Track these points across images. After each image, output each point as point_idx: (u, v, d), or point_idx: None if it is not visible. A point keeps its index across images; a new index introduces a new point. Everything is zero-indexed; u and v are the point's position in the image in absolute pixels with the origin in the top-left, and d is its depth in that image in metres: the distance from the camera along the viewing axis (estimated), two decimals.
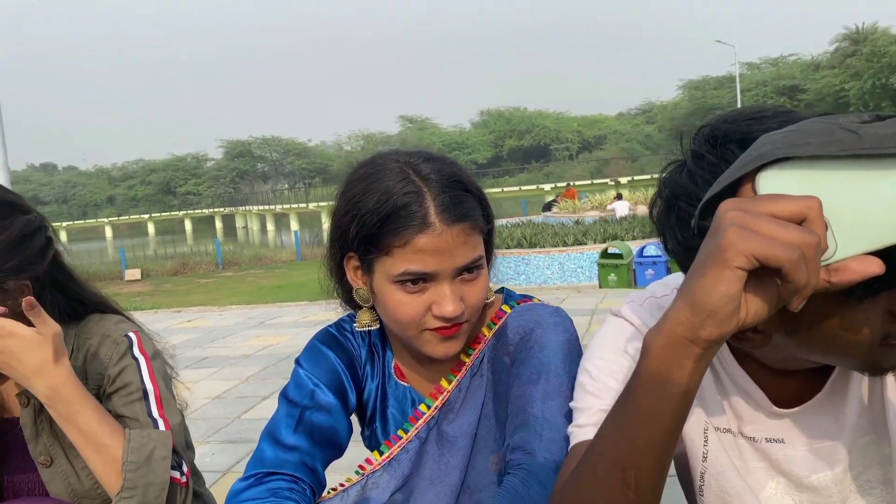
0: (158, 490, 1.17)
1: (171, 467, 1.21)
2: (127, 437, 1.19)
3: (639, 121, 74.89)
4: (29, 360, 1.17)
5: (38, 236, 1.26)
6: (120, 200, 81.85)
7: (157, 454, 1.19)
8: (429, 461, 1.16)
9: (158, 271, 19.62)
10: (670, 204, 0.84)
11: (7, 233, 1.21)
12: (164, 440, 1.22)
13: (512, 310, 1.21)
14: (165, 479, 1.18)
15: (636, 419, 0.71)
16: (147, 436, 1.22)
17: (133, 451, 1.18)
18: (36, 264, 1.24)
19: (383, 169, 1.10)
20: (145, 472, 1.17)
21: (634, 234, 13.48)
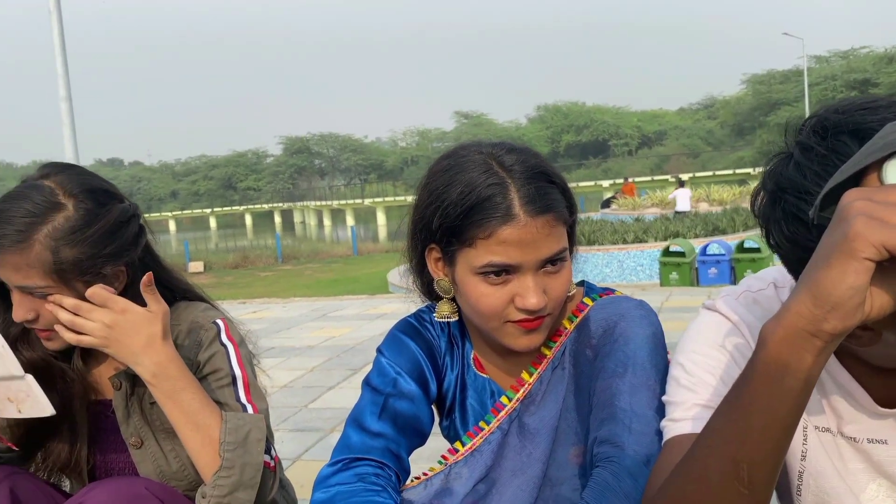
0: (254, 471, 1.20)
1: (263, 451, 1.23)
2: (224, 419, 1.22)
3: (700, 116, 73.15)
4: (140, 336, 1.22)
5: (133, 223, 1.30)
6: (183, 195, 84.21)
7: (252, 436, 1.22)
8: (510, 453, 1.17)
9: (220, 264, 20.14)
10: (776, 197, 0.82)
11: (105, 220, 1.26)
12: (259, 423, 1.25)
13: (594, 302, 1.20)
14: (260, 461, 1.21)
15: (751, 412, 0.70)
16: (242, 418, 1.25)
17: (230, 432, 1.20)
18: (131, 250, 1.29)
19: (466, 161, 1.10)
20: (242, 453, 1.20)
21: (697, 232, 13.21)
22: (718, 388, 0.95)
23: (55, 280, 1.21)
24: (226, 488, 1.18)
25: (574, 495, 1.10)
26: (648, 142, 71.46)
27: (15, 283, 1.21)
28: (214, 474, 1.19)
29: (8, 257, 1.19)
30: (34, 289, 1.21)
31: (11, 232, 1.18)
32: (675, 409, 0.96)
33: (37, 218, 1.20)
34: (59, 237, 1.20)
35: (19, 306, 1.22)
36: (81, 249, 1.22)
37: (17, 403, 1.22)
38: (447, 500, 1.16)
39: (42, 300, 1.22)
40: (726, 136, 65.28)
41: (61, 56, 13.39)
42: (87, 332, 1.20)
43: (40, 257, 1.19)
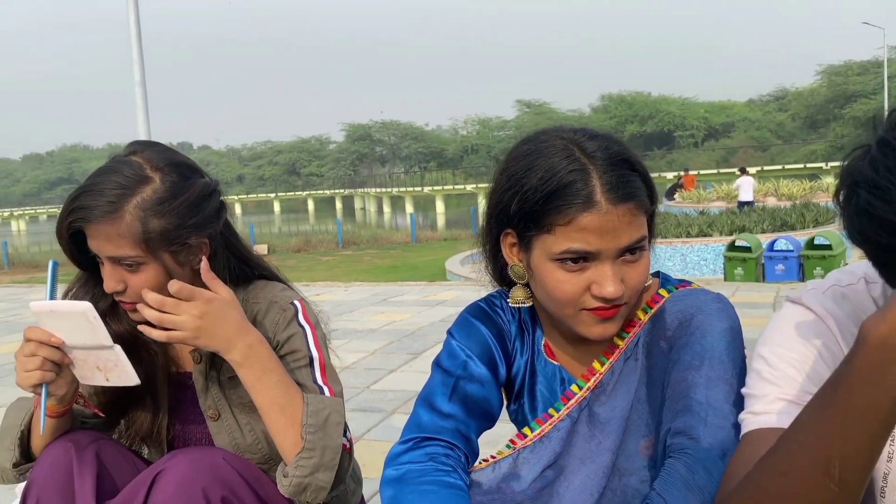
0: (333, 453, 1.23)
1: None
2: (305, 401, 1.26)
3: (771, 108, 70.68)
4: (230, 322, 1.26)
5: (214, 197, 1.35)
6: (248, 179, 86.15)
7: (332, 419, 1.25)
8: (579, 441, 1.16)
9: (283, 247, 20.52)
10: (850, 191, 0.80)
11: (190, 192, 1.30)
12: (338, 407, 1.28)
13: (670, 294, 1.19)
14: (339, 444, 1.24)
15: (847, 410, 0.68)
16: (322, 401, 1.28)
17: (312, 415, 1.24)
18: (213, 223, 1.34)
19: (547, 146, 1.09)
20: (322, 436, 1.23)
21: (764, 227, 12.84)
22: (802, 382, 0.93)
23: (144, 250, 1.26)
24: (307, 469, 1.21)
25: (643, 486, 1.09)
26: (715, 134, 69.50)
27: (106, 253, 1.26)
28: (297, 455, 1.22)
29: (101, 227, 1.24)
30: (124, 258, 1.26)
31: (103, 203, 1.24)
32: (756, 403, 0.94)
33: (127, 190, 1.25)
34: (147, 208, 1.25)
35: (109, 277, 1.28)
36: (168, 220, 1.27)
37: (106, 372, 1.28)
38: (514, 484, 1.16)
39: (130, 272, 1.28)
40: (798, 128, 63.00)
41: (137, 42, 13.83)
42: (177, 326, 1.24)
43: (130, 227, 1.24)
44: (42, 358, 1.25)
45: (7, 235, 38.23)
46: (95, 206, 1.24)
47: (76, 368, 1.30)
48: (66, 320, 1.24)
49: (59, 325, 1.25)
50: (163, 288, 1.29)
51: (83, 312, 1.23)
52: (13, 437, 1.37)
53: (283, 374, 1.28)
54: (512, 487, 1.16)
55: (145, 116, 13.86)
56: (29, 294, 9.60)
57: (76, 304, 1.24)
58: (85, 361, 1.28)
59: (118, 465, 1.35)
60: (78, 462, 1.27)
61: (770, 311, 5.17)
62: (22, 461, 1.37)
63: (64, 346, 1.27)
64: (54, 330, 1.26)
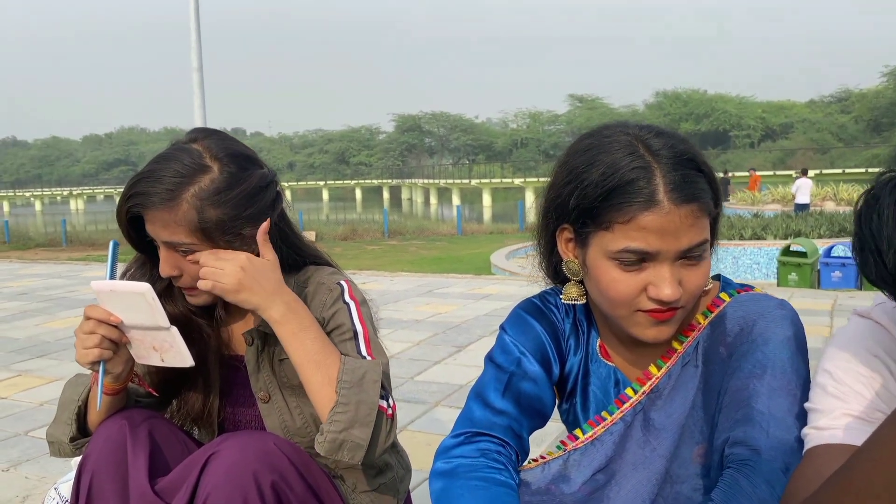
0: (368, 408, 1.22)
1: (380, 396, 1.26)
2: (342, 360, 1.27)
3: (832, 109, 68.51)
4: (269, 279, 1.29)
5: (271, 189, 1.36)
6: (299, 167, 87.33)
7: (368, 377, 1.26)
8: (633, 446, 1.14)
9: (330, 235, 20.76)
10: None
11: (247, 183, 1.32)
12: (375, 367, 1.28)
13: (731, 298, 1.15)
14: (375, 400, 1.24)
15: None
16: (359, 361, 1.29)
17: (347, 372, 1.25)
18: (268, 214, 1.34)
19: (611, 141, 1.06)
20: (357, 391, 1.23)
21: (821, 232, 12.46)
22: (870, 398, 0.90)
23: (199, 238, 1.28)
24: (342, 423, 1.20)
25: (695, 495, 1.06)
26: (773, 134, 67.76)
27: (163, 238, 1.29)
28: (331, 410, 1.22)
29: (158, 214, 1.27)
30: (179, 245, 1.29)
31: (162, 191, 1.26)
32: (821, 418, 0.92)
33: (185, 178, 1.27)
34: (204, 197, 1.27)
35: (165, 262, 1.31)
36: (224, 210, 1.28)
37: (161, 353, 1.30)
38: (564, 486, 1.15)
39: (185, 258, 1.30)
40: (860, 131, 60.95)
41: (196, 29, 14.11)
42: (218, 278, 1.26)
43: (187, 216, 1.26)
44: (101, 336, 1.28)
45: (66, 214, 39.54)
46: (153, 193, 1.26)
47: (132, 348, 1.32)
48: (126, 300, 1.26)
49: (117, 304, 1.28)
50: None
51: (142, 293, 1.24)
52: (70, 411, 1.40)
53: (320, 331, 1.30)
54: (561, 489, 1.14)
55: (201, 101, 14.15)
56: (86, 271, 9.91)
57: (136, 285, 1.26)
58: (142, 341, 1.30)
59: (170, 443, 1.37)
60: (132, 439, 1.30)
61: (827, 319, 5.02)
62: (78, 436, 1.40)
63: (122, 326, 1.29)
64: (113, 309, 1.28)
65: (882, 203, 0.75)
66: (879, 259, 0.74)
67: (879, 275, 0.76)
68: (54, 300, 7.23)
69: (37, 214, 44.30)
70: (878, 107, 58.17)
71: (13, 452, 2.97)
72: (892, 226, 0.73)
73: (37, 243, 19.04)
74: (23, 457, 2.91)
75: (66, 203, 70.49)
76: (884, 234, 0.74)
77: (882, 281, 0.76)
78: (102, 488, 1.27)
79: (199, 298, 1.37)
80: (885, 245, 0.74)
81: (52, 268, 10.49)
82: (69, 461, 1.55)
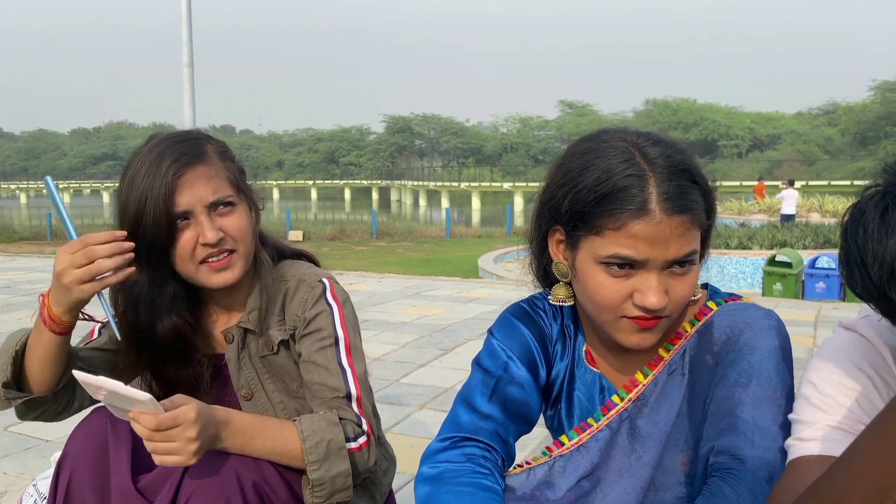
0: (343, 478, 1.27)
1: (347, 439, 1.28)
2: (301, 436, 1.26)
3: (820, 122, 69.26)
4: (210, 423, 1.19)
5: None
6: (288, 165, 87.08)
7: (332, 447, 1.27)
8: (619, 453, 1.14)
9: (318, 235, 20.71)
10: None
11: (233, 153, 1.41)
12: (335, 429, 1.28)
13: (718, 307, 1.15)
14: (347, 467, 1.27)
15: None
16: (318, 429, 1.27)
17: (311, 452, 1.25)
18: (256, 198, 1.43)
19: (608, 146, 1.06)
20: (328, 467, 1.26)
21: (806, 243, 12.57)
22: (853, 410, 0.91)
23: (235, 189, 1.33)
24: (322, 497, 1.26)
25: (677, 503, 1.07)
26: (760, 145, 68.35)
27: (206, 199, 1.29)
28: (307, 488, 1.27)
29: (201, 170, 1.29)
30: (222, 200, 1.30)
31: (191, 150, 1.30)
32: (805, 429, 0.92)
33: (197, 140, 1.34)
34: (222, 151, 1.36)
35: (210, 227, 1.28)
36: (236, 164, 1.37)
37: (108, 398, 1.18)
38: (549, 492, 1.14)
39: (224, 216, 1.31)
40: (847, 144, 61.60)
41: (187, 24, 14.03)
42: (176, 452, 1.15)
43: (223, 165, 1.33)
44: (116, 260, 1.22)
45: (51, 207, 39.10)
46: (189, 153, 1.29)
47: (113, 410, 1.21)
48: (121, 400, 1.15)
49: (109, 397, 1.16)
50: (249, 233, 1.34)
51: (143, 402, 1.13)
52: (7, 357, 1.32)
53: (264, 427, 1.27)
54: (546, 495, 1.14)
55: (191, 98, 14.06)
56: None
57: (136, 393, 1.13)
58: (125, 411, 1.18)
59: None
60: (113, 435, 1.28)
61: (811, 330, 5.06)
62: (12, 384, 1.32)
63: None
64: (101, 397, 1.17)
65: (867, 217, 0.76)
66: (865, 272, 0.75)
67: (865, 288, 0.76)
68: (38, 294, 7.15)
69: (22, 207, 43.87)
70: (865, 120, 58.82)
71: None
72: (877, 239, 0.74)
73: (21, 236, 18.88)
74: (2, 452, 2.87)
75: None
76: (869, 248, 0.74)
77: (868, 294, 0.76)
78: (81, 485, 1.26)
79: (229, 272, 1.32)
80: (870, 258, 0.74)
81: (36, 261, 10.40)
82: (49, 457, 1.53)
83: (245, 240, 1.33)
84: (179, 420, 1.14)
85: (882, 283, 0.72)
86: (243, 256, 1.33)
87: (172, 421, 1.14)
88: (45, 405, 1.36)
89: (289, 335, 1.39)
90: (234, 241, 1.32)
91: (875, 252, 0.74)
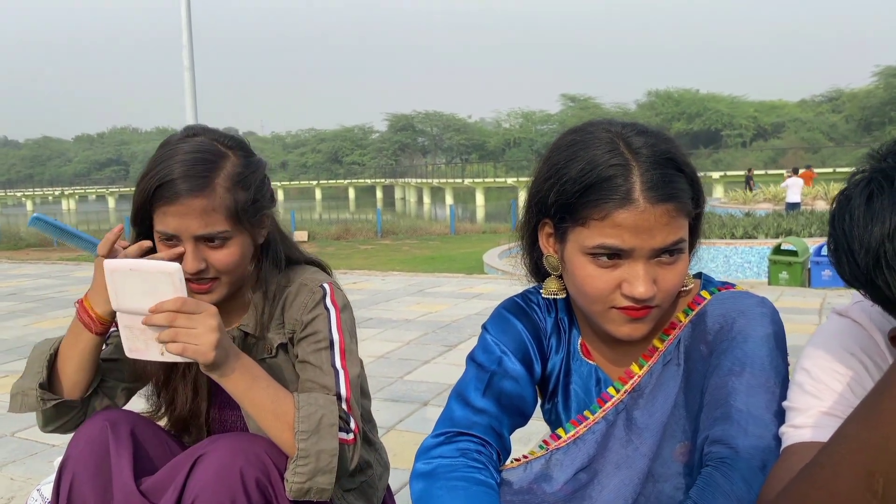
0: (329, 456, 1.23)
1: (339, 428, 1.26)
2: (296, 405, 1.25)
3: (823, 109, 68.89)
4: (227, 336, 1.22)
5: (268, 176, 1.41)
6: (292, 166, 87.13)
7: (325, 421, 1.24)
8: (616, 445, 1.14)
9: (323, 235, 20.72)
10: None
11: (259, 168, 1.37)
12: (331, 406, 1.27)
13: (712, 296, 1.15)
14: (335, 446, 1.24)
15: (893, 423, 0.66)
16: (315, 402, 1.26)
17: (303, 420, 1.23)
18: (274, 200, 1.41)
19: (593, 138, 1.07)
20: (316, 440, 1.23)
21: (812, 231, 12.52)
22: (847, 396, 0.91)
23: (233, 224, 1.29)
24: (304, 476, 1.22)
25: (676, 493, 1.06)
26: (764, 134, 68.05)
27: (193, 231, 1.27)
28: (292, 462, 1.22)
29: (193, 203, 1.25)
30: (214, 235, 1.27)
31: (195, 177, 1.25)
32: (798, 416, 0.92)
33: (212, 164, 1.28)
34: (233, 181, 1.29)
35: (193, 258, 1.28)
36: (249, 193, 1.31)
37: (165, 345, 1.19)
38: (546, 485, 1.15)
39: (213, 249, 1.29)
40: (851, 131, 61.33)
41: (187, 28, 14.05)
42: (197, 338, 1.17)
43: (224, 200, 1.27)
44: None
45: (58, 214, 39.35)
46: (189, 180, 1.25)
47: (128, 340, 1.21)
48: (144, 282, 1.16)
49: (131, 287, 1.17)
50: (239, 264, 1.32)
51: (170, 273, 1.14)
52: (42, 360, 1.36)
53: (268, 379, 1.27)
54: (543, 489, 1.14)
55: (193, 101, 14.10)
56: (76, 271, 9.86)
57: (164, 265, 1.15)
58: (143, 332, 1.19)
59: (153, 444, 1.37)
60: (114, 439, 1.29)
61: (815, 318, 5.04)
62: (47, 385, 1.35)
63: (121, 314, 1.21)
64: (122, 293, 1.18)
65: (853, 203, 0.76)
66: (852, 259, 0.75)
67: (853, 274, 0.76)
68: (44, 300, 7.19)
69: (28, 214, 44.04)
70: (869, 106, 58.55)
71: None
72: (862, 226, 0.74)
73: (28, 243, 18.93)
74: (9, 458, 2.89)
75: (57, 203, 70.10)
76: (855, 235, 0.74)
77: (855, 280, 0.76)
78: (83, 490, 1.26)
79: (214, 295, 1.33)
80: (856, 245, 0.74)
81: (42, 268, 10.45)
82: (53, 461, 1.54)
83: (232, 271, 1.32)
84: (202, 307, 1.18)
85: (868, 269, 0.72)
86: (227, 284, 1.34)
87: (196, 305, 1.17)
88: (73, 411, 1.39)
89: (287, 339, 1.40)
90: (216, 272, 1.31)
91: (861, 238, 0.74)
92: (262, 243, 1.41)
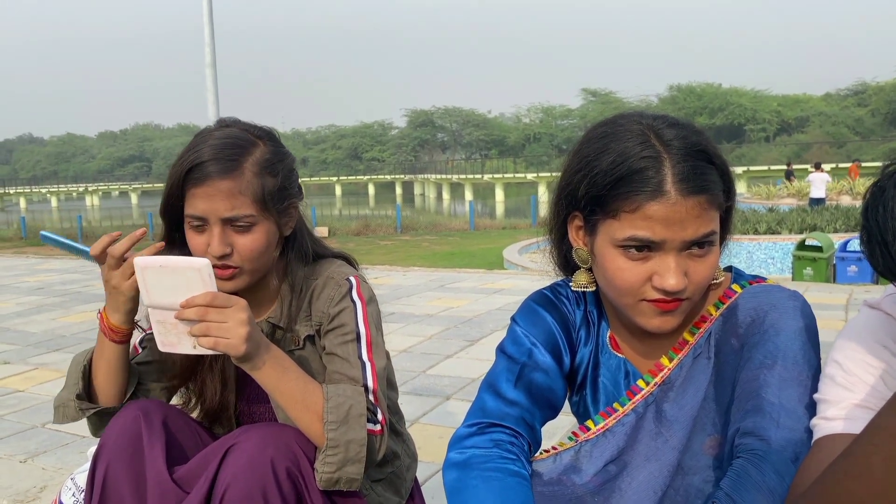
0: (358, 446, 1.24)
1: (367, 420, 1.27)
2: (325, 396, 1.26)
3: (849, 102, 67.77)
4: (257, 329, 1.24)
5: (297, 170, 1.43)
6: (312, 162, 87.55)
7: (353, 412, 1.26)
8: (645, 437, 1.14)
9: (343, 230, 20.83)
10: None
11: (288, 158, 1.39)
12: (359, 397, 1.28)
13: (743, 290, 1.15)
14: (363, 436, 1.25)
15: None
16: (343, 393, 1.28)
17: (332, 410, 1.24)
18: (301, 193, 1.42)
19: (624, 130, 1.07)
20: (345, 430, 1.24)
21: (837, 227, 12.37)
22: (879, 388, 0.90)
23: (259, 209, 1.31)
24: (334, 465, 1.23)
25: (706, 486, 1.06)
26: (788, 128, 67.19)
27: (221, 213, 1.29)
28: (322, 453, 1.24)
29: (222, 184, 1.28)
30: (240, 218, 1.29)
31: (225, 159, 1.28)
32: (830, 408, 0.92)
33: (242, 149, 1.31)
34: (262, 166, 1.32)
35: (219, 241, 1.30)
36: (277, 181, 1.33)
37: (197, 339, 1.21)
38: (575, 477, 1.15)
39: (239, 234, 1.31)
40: (877, 124, 60.35)
41: (209, 25, 14.16)
42: (226, 334, 1.19)
43: (251, 184, 1.29)
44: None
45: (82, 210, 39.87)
46: (219, 161, 1.28)
47: (161, 334, 1.24)
48: (175, 278, 1.18)
49: (161, 283, 1.19)
50: (263, 252, 1.34)
51: (199, 269, 1.17)
52: (77, 373, 1.41)
53: (297, 370, 1.29)
54: (573, 480, 1.14)
55: (215, 98, 14.21)
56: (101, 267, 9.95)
57: (193, 260, 1.17)
58: (175, 326, 1.21)
59: (184, 434, 1.39)
60: (147, 429, 1.31)
61: (841, 314, 4.98)
62: (84, 396, 1.40)
63: (153, 309, 1.23)
64: (153, 289, 1.20)
65: (887, 195, 0.75)
66: (886, 250, 0.74)
67: (886, 266, 0.76)
68: (70, 295, 7.29)
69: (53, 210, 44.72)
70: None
71: (30, 444, 3.00)
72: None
73: None
74: (39, 448, 2.95)
75: (81, 199, 71.05)
76: (889, 226, 0.74)
77: (889, 272, 0.76)
78: (117, 478, 1.29)
79: (237, 282, 1.34)
80: (890, 236, 0.74)
81: (68, 263, 10.59)
82: (86, 451, 1.57)
83: (254, 259, 1.33)
84: (233, 301, 1.20)
85: None
86: (248, 273, 1.35)
87: (227, 300, 1.19)
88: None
89: (314, 330, 1.42)
90: (240, 259, 1.32)
91: (895, 230, 0.73)
92: (289, 236, 1.42)
